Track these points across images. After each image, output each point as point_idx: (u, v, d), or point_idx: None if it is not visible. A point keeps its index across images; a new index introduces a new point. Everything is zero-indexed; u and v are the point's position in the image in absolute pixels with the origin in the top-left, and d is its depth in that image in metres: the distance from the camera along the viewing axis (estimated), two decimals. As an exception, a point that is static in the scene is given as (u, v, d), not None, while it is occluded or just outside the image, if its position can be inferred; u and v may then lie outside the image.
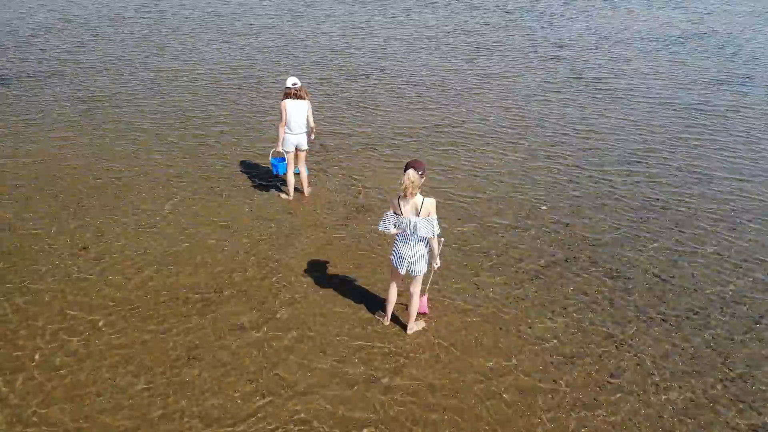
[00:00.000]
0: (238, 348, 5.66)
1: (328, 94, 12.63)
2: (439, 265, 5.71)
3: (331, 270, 6.85)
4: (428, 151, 9.95)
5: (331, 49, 15.94)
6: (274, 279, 6.66)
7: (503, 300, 6.36)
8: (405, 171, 5.14)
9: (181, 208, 8.12)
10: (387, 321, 5.98)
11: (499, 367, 5.46)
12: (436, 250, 5.50)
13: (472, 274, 6.80)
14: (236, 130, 10.74)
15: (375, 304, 6.23)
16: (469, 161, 9.59)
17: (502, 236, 7.54)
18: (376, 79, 13.55)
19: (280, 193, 8.50)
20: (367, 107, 11.93)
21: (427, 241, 5.39)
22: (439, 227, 5.36)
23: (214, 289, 6.47)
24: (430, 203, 5.23)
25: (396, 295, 5.86)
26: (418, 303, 5.80)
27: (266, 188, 8.69)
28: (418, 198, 5.20)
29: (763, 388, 5.30)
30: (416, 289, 5.71)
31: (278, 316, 6.07)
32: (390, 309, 5.93)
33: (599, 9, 20.40)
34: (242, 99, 12.32)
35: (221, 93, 12.67)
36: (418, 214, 5.22)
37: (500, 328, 5.94)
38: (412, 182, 5.09)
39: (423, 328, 5.93)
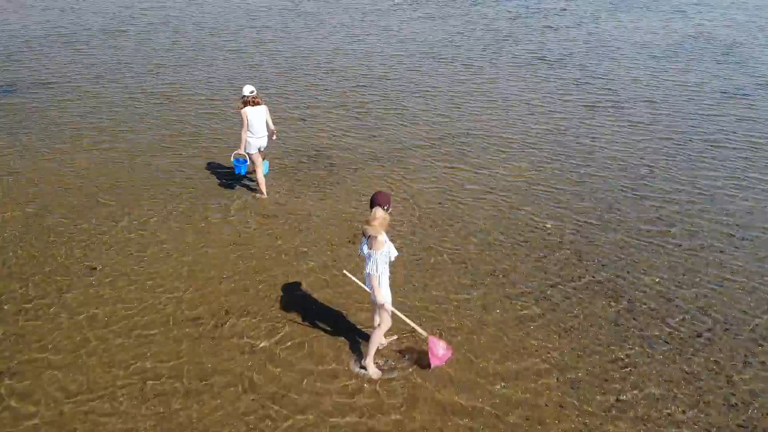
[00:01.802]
0: (248, 370, 5.78)
1: (333, 108, 12.70)
2: (380, 302, 5.30)
3: (338, 289, 6.93)
4: (431, 164, 10.06)
5: (332, 63, 15.93)
6: (280, 298, 6.77)
7: (508, 320, 6.44)
8: (372, 207, 5.22)
9: (182, 228, 8.26)
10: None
11: (509, 382, 5.56)
12: (375, 285, 5.26)
13: (474, 289, 6.89)
14: (232, 145, 10.76)
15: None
16: (471, 176, 9.69)
17: (506, 254, 7.61)
18: (379, 93, 13.60)
19: (255, 194, 9.05)
20: (371, 121, 12.01)
21: (372, 267, 5.25)
22: (381, 266, 5.21)
23: (225, 310, 6.59)
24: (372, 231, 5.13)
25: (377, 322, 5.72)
26: (375, 336, 5.58)
27: (266, 198, 8.91)
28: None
29: (766, 410, 5.36)
30: (380, 318, 5.53)
31: (283, 336, 6.19)
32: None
33: (604, 21, 20.45)
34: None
35: (214, 110, 12.61)
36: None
37: (505, 348, 6.02)
38: (376, 219, 5.11)
39: (373, 377, 5.64)
